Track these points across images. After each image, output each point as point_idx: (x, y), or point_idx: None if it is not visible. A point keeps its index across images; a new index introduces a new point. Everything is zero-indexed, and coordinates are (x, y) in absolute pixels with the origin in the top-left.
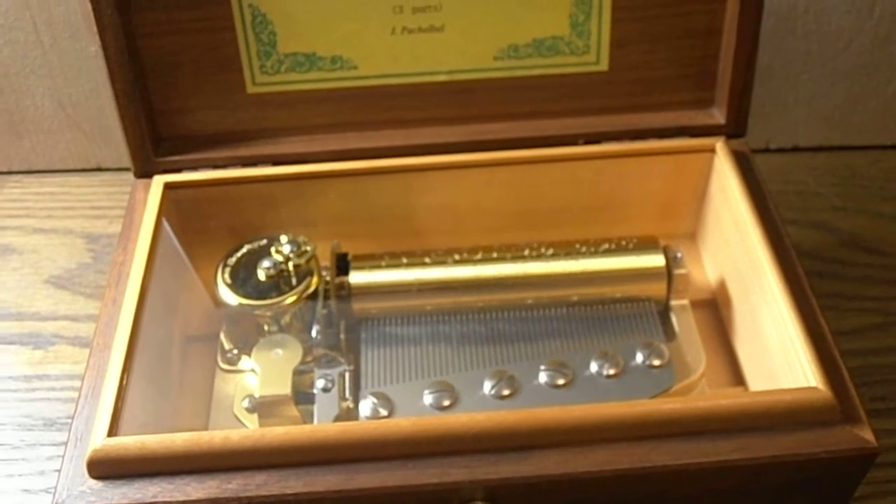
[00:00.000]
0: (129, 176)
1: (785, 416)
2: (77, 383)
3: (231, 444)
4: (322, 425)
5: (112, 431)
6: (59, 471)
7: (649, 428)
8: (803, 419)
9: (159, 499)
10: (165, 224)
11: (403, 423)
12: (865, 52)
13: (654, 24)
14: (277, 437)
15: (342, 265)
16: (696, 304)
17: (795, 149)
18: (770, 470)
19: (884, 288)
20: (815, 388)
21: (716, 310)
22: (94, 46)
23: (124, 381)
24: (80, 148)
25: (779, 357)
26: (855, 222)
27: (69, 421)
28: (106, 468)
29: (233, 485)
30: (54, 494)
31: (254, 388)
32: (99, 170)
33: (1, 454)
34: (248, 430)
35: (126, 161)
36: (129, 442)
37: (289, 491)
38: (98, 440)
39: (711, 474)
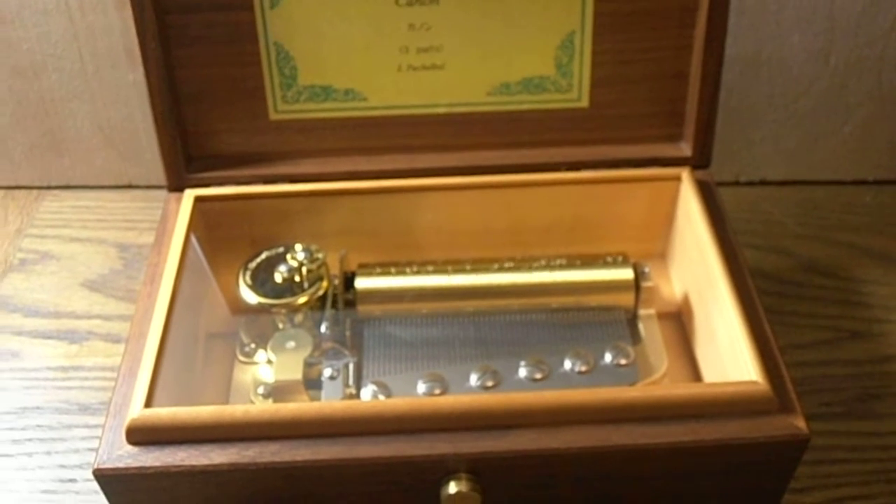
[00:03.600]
0: (158, 192)
1: (729, 405)
2: (108, 374)
3: (250, 416)
4: (328, 403)
5: (148, 403)
6: (99, 439)
7: (611, 413)
8: (745, 409)
9: (187, 462)
10: (194, 232)
11: (398, 402)
12: (823, 97)
13: (629, 67)
14: (290, 412)
15: (349, 280)
16: (664, 315)
17: (762, 182)
18: (715, 452)
19: (836, 308)
20: (755, 382)
21: (681, 320)
22: (131, 75)
23: (159, 363)
24: (115, 166)
25: (729, 358)
26: (813, 249)
27: (101, 406)
28: (142, 435)
29: (250, 452)
30: (95, 458)
31: (268, 378)
32: (131, 186)
33: (40, 434)
34: (265, 405)
35: (155, 179)
36: (163, 412)
37: (298, 458)
38: (136, 411)
39: (664, 455)
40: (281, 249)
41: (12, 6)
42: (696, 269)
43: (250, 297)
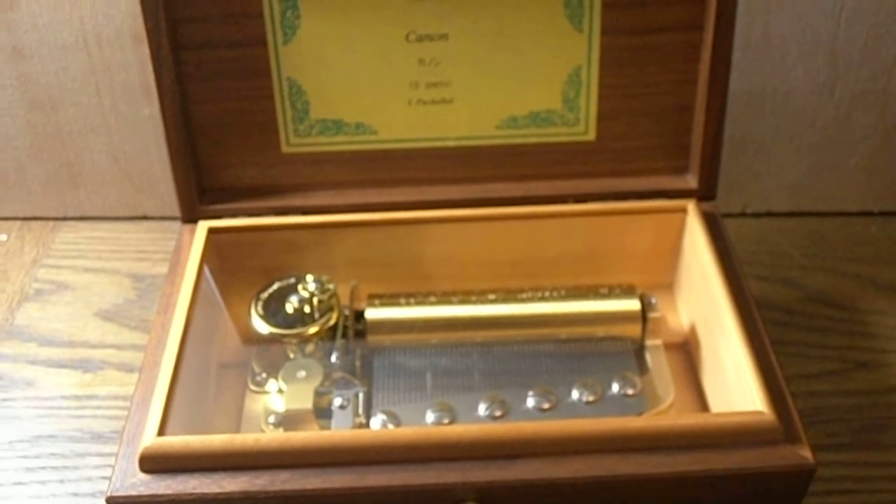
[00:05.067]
0: (172, 224)
1: (735, 435)
2: (121, 403)
3: (261, 445)
4: (338, 431)
5: (161, 432)
6: (112, 467)
7: (618, 442)
8: (751, 439)
9: (198, 490)
10: (207, 263)
11: (408, 431)
12: (828, 129)
13: (634, 101)
14: (300, 441)
15: (359, 312)
16: (671, 346)
17: (769, 214)
18: (721, 482)
19: (843, 338)
20: (761, 412)
21: (688, 351)
22: (147, 109)
23: (172, 392)
24: (129, 198)
25: (735, 388)
26: (820, 280)
27: (114, 435)
28: (154, 463)
29: (261, 480)
30: (108, 486)
31: (279, 407)
32: (145, 218)
33: (54, 462)
34: (276, 434)
35: (169, 210)
36: (175, 441)
37: (308, 487)
38: (149, 439)
39: (670, 484)
40: (292, 280)
41: (32, 42)
42: (702, 300)
43: (262, 327)
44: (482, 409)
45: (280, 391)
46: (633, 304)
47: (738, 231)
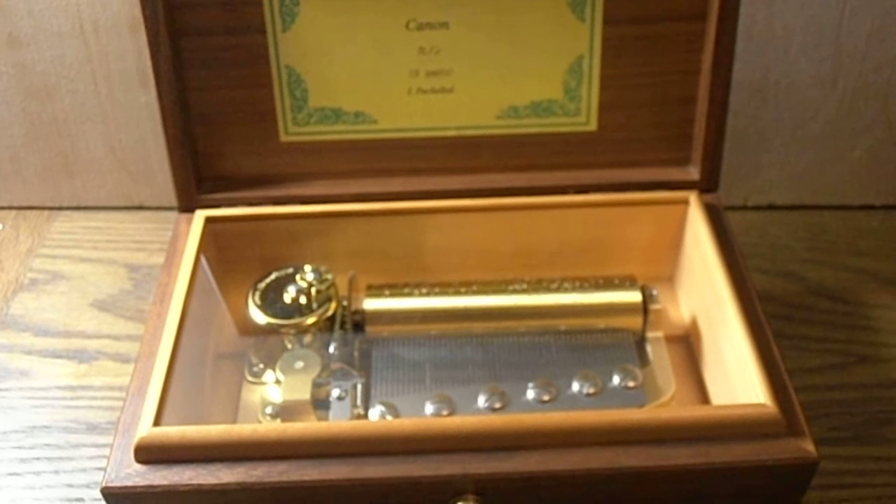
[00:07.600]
0: (169, 214)
1: (737, 427)
2: (116, 394)
3: (258, 435)
4: (336, 422)
5: (157, 422)
6: (107, 458)
7: (618, 434)
8: (753, 431)
9: (195, 481)
10: (204, 253)
11: (406, 423)
12: (831, 121)
13: (636, 91)
14: (298, 431)
15: (358, 305)
16: (672, 338)
17: (771, 207)
18: (723, 475)
19: (845, 332)
20: (763, 405)
21: (689, 343)
22: (143, 98)
23: (168, 382)
24: (126, 188)
25: (737, 381)
26: (822, 273)
27: (109, 426)
28: (150, 454)
29: (258, 471)
30: (104, 476)
31: (276, 398)
32: (141, 208)
33: (48, 453)
34: (273, 424)
35: (166, 200)
36: (171, 431)
37: (306, 478)
38: (144, 429)
39: (671, 477)
40: (290, 270)
41: (28, 29)
42: (703, 292)
43: (259, 317)
44: (482, 400)
45: (277, 382)
46: (634, 296)
47: (739, 224)
